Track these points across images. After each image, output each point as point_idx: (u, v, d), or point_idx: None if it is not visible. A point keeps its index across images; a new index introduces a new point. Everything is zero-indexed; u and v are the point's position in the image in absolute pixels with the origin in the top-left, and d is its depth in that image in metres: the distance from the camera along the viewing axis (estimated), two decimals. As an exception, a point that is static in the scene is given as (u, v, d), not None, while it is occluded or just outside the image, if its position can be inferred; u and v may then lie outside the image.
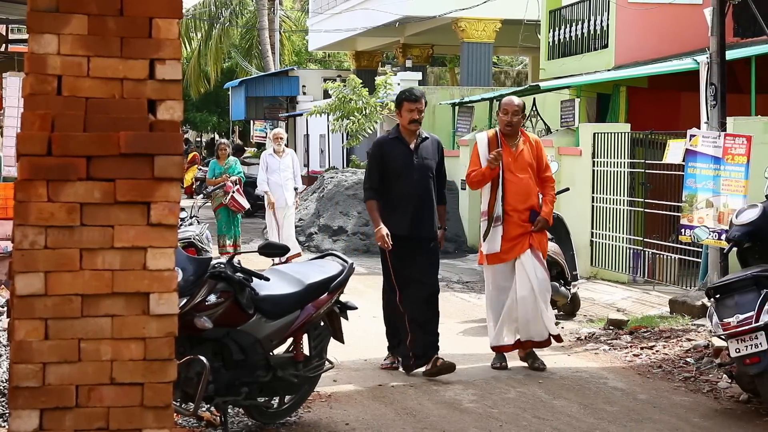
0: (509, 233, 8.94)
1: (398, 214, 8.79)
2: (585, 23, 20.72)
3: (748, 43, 16.85)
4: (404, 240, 8.75)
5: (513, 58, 42.94)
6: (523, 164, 9.04)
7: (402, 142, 8.93)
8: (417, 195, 8.83)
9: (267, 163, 16.56)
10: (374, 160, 9.02)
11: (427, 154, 8.95)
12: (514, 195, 8.96)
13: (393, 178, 8.83)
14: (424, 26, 29.55)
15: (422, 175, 8.88)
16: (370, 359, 9.56)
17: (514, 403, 7.95)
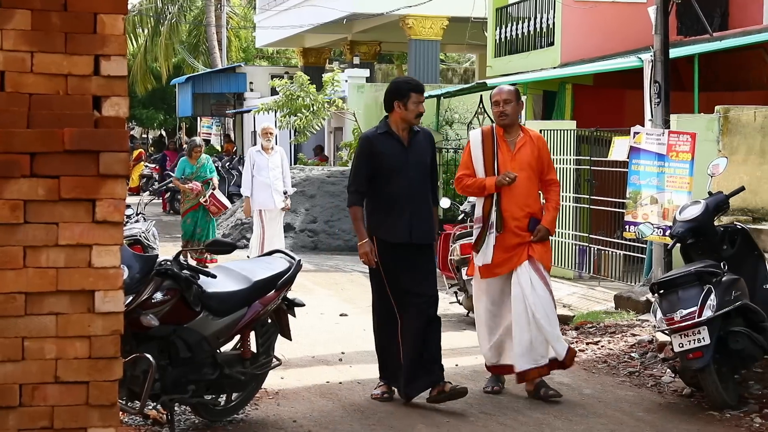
0: (504, 243, 7.83)
1: (393, 219, 7.70)
2: (531, 21, 20.85)
3: (692, 41, 17.05)
4: (401, 248, 7.70)
5: (460, 56, 43.12)
6: (523, 164, 7.91)
7: (393, 137, 7.78)
8: (414, 196, 7.74)
9: (254, 161, 14.85)
10: (362, 158, 7.82)
11: (422, 149, 7.87)
12: (512, 199, 7.84)
13: (385, 179, 7.71)
14: (371, 23, 29.56)
15: (418, 173, 7.79)
16: (317, 356, 9.56)
17: (462, 398, 7.97)
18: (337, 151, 24.71)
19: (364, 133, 8.18)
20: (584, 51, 19.28)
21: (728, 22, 18.75)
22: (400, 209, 7.71)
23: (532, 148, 7.98)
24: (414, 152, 7.80)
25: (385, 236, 7.71)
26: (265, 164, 14.74)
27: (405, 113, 7.75)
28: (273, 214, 14.85)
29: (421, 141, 7.90)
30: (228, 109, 35.98)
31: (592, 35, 19.37)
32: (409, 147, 7.80)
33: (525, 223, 7.87)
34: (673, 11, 12.05)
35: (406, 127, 7.81)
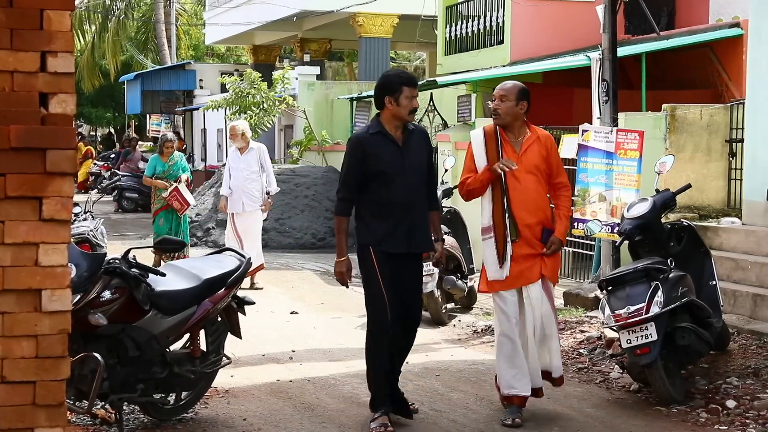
0: (516, 253, 7.19)
1: (388, 227, 7.00)
2: (481, 19, 20.93)
3: (639, 40, 17.21)
4: (398, 259, 7.06)
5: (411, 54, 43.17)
6: (529, 165, 7.18)
7: (387, 137, 7.01)
8: (410, 202, 7.03)
9: (230, 161, 13.98)
10: (352, 162, 7.03)
11: (418, 149, 7.13)
12: (522, 205, 7.16)
13: (381, 184, 6.97)
14: (321, 21, 29.51)
15: (415, 176, 7.07)
16: (268, 354, 9.53)
17: (412, 395, 7.98)
18: (287, 149, 24.64)
19: (354, 134, 7.47)
20: (533, 49, 19.40)
21: (675, 21, 18.96)
22: (400, 216, 6.99)
23: (539, 148, 7.26)
24: (410, 153, 7.06)
25: (384, 246, 7.00)
26: (237, 165, 13.77)
27: (397, 110, 6.99)
28: (246, 220, 13.69)
29: (416, 140, 7.14)
30: (177, 107, 35.75)
31: (542, 33, 19.49)
32: (405, 147, 7.04)
33: (537, 231, 7.19)
34: (621, 10, 12.15)
35: (400, 125, 7.07)
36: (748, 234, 10.62)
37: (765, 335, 8.95)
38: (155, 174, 14.50)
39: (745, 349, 8.76)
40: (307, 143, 22.67)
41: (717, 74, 16.07)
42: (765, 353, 8.58)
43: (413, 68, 41.12)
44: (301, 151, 22.68)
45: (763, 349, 8.68)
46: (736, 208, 12.29)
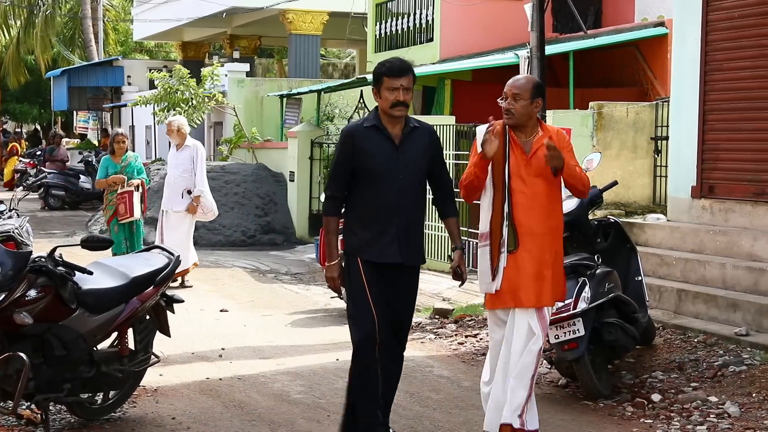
0: (517, 265, 6.30)
1: (378, 235, 6.23)
2: (411, 17, 21.01)
3: (567, 38, 17.40)
4: (389, 270, 6.27)
5: (341, 51, 43.17)
6: (540, 169, 6.32)
7: (382, 132, 6.26)
8: (400, 207, 6.25)
9: (168, 158, 13.68)
10: (341, 157, 6.31)
11: (417, 149, 6.31)
12: (530, 211, 6.31)
13: (369, 184, 6.24)
14: (251, 17, 29.40)
15: (409, 178, 6.28)
16: (197, 352, 9.47)
17: (342, 393, 7.92)
18: (217, 146, 24.50)
19: (347, 126, 6.54)
20: (463, 47, 19.51)
21: (602, 20, 19.19)
22: (387, 223, 6.23)
23: None
24: (406, 152, 6.26)
25: (369, 256, 6.24)
26: (172, 162, 13.45)
27: (381, 103, 6.26)
28: (175, 219, 13.28)
29: (417, 139, 6.33)
30: (105, 103, 35.35)
31: (471, 31, 19.61)
32: (401, 146, 6.27)
33: (546, 242, 6.32)
34: (549, 9, 12.29)
35: (396, 121, 6.28)
36: (673, 230, 10.78)
37: (689, 330, 9.10)
38: (107, 175, 13.11)
39: (670, 344, 8.90)
40: (236, 140, 22.56)
41: (643, 72, 16.30)
42: (689, 348, 8.73)
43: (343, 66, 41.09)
44: (231, 149, 22.56)
45: (688, 344, 8.83)
46: (662, 205, 12.48)
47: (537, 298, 6.29)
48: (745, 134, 10.33)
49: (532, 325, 6.27)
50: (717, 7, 10.62)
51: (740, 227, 10.21)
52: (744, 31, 10.29)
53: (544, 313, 6.33)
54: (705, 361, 8.30)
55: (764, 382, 7.58)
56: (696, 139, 10.78)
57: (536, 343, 6.28)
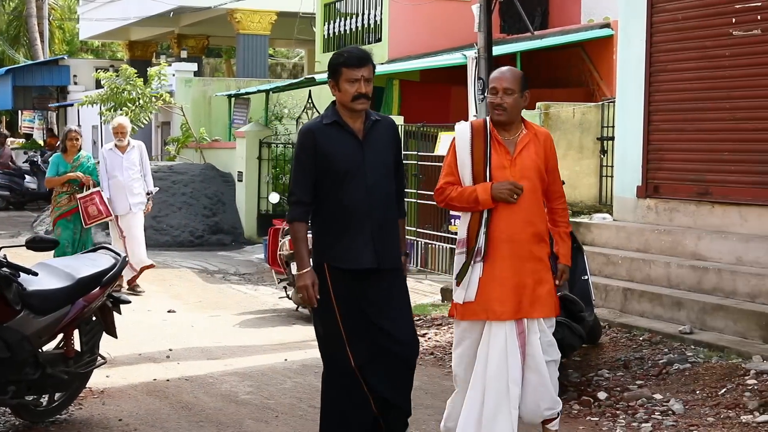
0: (498, 275, 5.79)
1: (349, 239, 5.73)
2: (359, 17, 21.03)
3: (514, 39, 17.50)
4: (364, 277, 5.74)
5: (289, 51, 43.07)
6: (526, 170, 5.86)
7: (344, 128, 5.77)
8: (374, 207, 5.77)
9: (106, 161, 12.94)
10: (303, 158, 5.77)
11: (382, 144, 5.87)
12: (511, 216, 5.79)
13: (336, 185, 5.74)
14: (199, 17, 29.26)
15: (378, 176, 5.80)
16: (144, 353, 9.42)
17: (291, 393, 7.99)
18: (164, 146, 24.35)
19: (306, 124, 5.96)
20: (411, 47, 19.56)
21: (548, 21, 19.33)
22: (358, 225, 5.72)
23: (537, 148, 5.94)
24: (372, 148, 5.80)
25: (340, 262, 5.72)
26: (120, 163, 12.89)
27: (340, 96, 5.76)
28: (131, 221, 12.97)
29: (380, 133, 5.87)
30: (51, 103, 35.00)
31: (419, 32, 19.65)
32: (366, 141, 5.79)
33: (527, 249, 5.80)
34: (496, 10, 12.35)
35: (358, 115, 5.80)
36: (619, 230, 10.88)
37: (634, 328, 9.20)
38: (58, 174, 12.47)
39: (616, 342, 8.98)
40: (184, 140, 22.45)
41: (589, 73, 16.44)
42: (635, 346, 8.82)
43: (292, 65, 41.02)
44: (179, 148, 22.44)
45: (633, 342, 8.92)
46: (608, 205, 12.60)
47: (514, 309, 5.75)
48: (689, 135, 10.46)
49: (508, 340, 5.74)
50: (661, 9, 10.74)
51: (684, 227, 10.34)
52: (688, 33, 10.41)
53: (524, 326, 5.77)
54: (650, 359, 8.39)
55: (707, 380, 7.68)
56: (641, 140, 10.89)
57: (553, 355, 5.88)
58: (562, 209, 6.11)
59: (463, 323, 5.93)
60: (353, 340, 5.67)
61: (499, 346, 5.77)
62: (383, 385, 5.73)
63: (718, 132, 10.08)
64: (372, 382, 5.70)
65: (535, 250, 5.85)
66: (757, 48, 9.67)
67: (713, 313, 8.88)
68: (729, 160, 9.96)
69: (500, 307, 5.76)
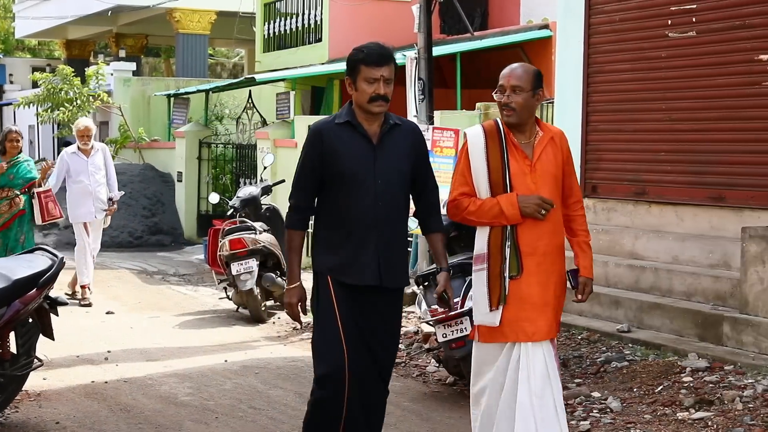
0: (520, 293, 5.32)
1: (353, 250, 5.27)
2: (299, 17, 20.99)
3: (454, 39, 17.57)
4: (365, 293, 5.30)
5: (229, 50, 42.87)
6: (547, 177, 5.39)
7: (358, 130, 5.30)
8: (381, 218, 5.27)
9: (68, 166, 12.30)
10: (308, 158, 5.34)
11: (398, 150, 5.34)
12: (533, 229, 5.32)
13: (342, 192, 5.28)
14: (137, 16, 29.02)
15: (389, 184, 5.29)
16: (82, 355, 9.33)
17: (231, 394, 7.96)
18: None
19: (316, 123, 5.47)
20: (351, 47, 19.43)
21: (488, 22, 19.44)
22: (363, 236, 5.26)
23: (554, 151, 5.46)
24: (386, 154, 5.30)
25: (345, 277, 5.28)
26: (85, 168, 12.30)
27: (357, 96, 5.31)
28: (96, 229, 12.55)
29: (398, 139, 5.36)
30: (-14, 102, 34.55)
31: (359, 32, 19.62)
32: (379, 146, 5.30)
33: (549, 262, 5.36)
34: (436, 10, 12.39)
35: (374, 117, 5.31)
36: (558, 229, 10.97)
37: (573, 327, 9.28)
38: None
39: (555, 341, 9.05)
40: (123, 140, 22.25)
41: (528, 74, 16.54)
42: (573, 345, 8.90)
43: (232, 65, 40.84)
44: (117, 149, 22.24)
45: (572, 341, 9.00)
46: (547, 204, 12.68)
47: (548, 329, 5.33)
48: (626, 135, 10.57)
49: (547, 360, 5.30)
50: (599, 11, 10.85)
51: (622, 226, 10.45)
52: (625, 34, 10.52)
53: (554, 345, 5.43)
54: (588, 358, 8.47)
55: (645, 378, 7.77)
56: (579, 140, 10.99)
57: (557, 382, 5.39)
58: (581, 216, 5.60)
59: (484, 347, 5.41)
60: (352, 350, 5.24)
61: (540, 371, 5.27)
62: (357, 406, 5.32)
63: (654, 132, 10.20)
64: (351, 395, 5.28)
65: (557, 263, 5.41)
66: (692, 50, 9.80)
67: (650, 312, 8.99)
68: (665, 160, 10.09)
69: (532, 326, 5.28)
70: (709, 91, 9.60)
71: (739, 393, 7.06)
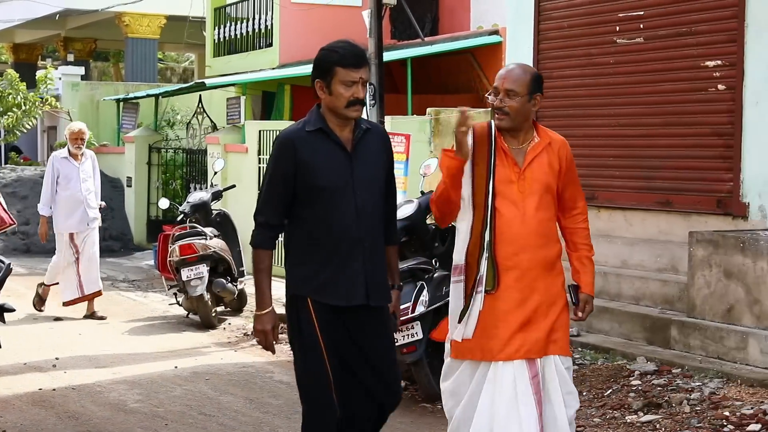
0: (502, 307, 4.90)
1: (337, 269, 4.80)
2: (250, 22, 20.95)
3: (405, 45, 17.61)
4: (350, 313, 4.83)
5: (179, 55, 42.67)
6: (535, 185, 4.97)
7: (330, 138, 4.84)
8: (364, 231, 4.82)
9: (58, 171, 11.66)
10: (278, 171, 4.83)
11: (374, 157, 4.93)
12: (512, 241, 4.92)
13: (317, 205, 4.81)
14: (86, 20, 28.79)
15: (369, 194, 4.86)
16: (30, 362, 9.22)
17: (181, 401, 7.91)
18: (50, 151, 23.88)
19: (284, 131, 4.95)
20: (302, 52, 19.53)
21: (438, 27, 19.50)
22: (347, 253, 4.80)
23: (550, 158, 5.06)
24: (362, 162, 4.86)
25: (326, 297, 4.79)
26: (76, 174, 11.65)
27: (331, 100, 4.83)
28: (88, 237, 11.75)
29: (371, 145, 4.92)
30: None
31: (310, 37, 19.63)
32: (355, 153, 4.85)
33: (538, 278, 4.95)
34: (387, 16, 12.40)
35: (346, 123, 4.86)
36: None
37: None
38: None
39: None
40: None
41: (478, 79, 16.63)
42: (524, 348, 8.93)
43: (182, 70, 40.63)
44: (66, 154, 22.02)
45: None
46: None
47: (523, 348, 4.85)
48: (575, 140, 10.58)
49: (518, 384, 4.82)
50: (548, 17, 10.93)
51: (572, 231, 10.50)
52: (573, 40, 10.61)
53: (537, 369, 4.86)
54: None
55: (594, 381, 7.83)
56: (529, 145, 11.05)
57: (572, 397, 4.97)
58: (583, 229, 5.21)
59: (457, 363, 5.06)
60: (338, 382, 4.81)
61: (507, 393, 4.82)
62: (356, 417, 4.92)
63: (603, 138, 10.29)
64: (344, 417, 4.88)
65: (547, 280, 4.98)
66: (639, 56, 9.90)
67: (599, 316, 9.05)
68: (614, 165, 10.18)
69: (501, 345, 4.85)
70: (657, 97, 9.71)
71: (687, 396, 7.14)
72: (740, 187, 8.94)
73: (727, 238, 8.11)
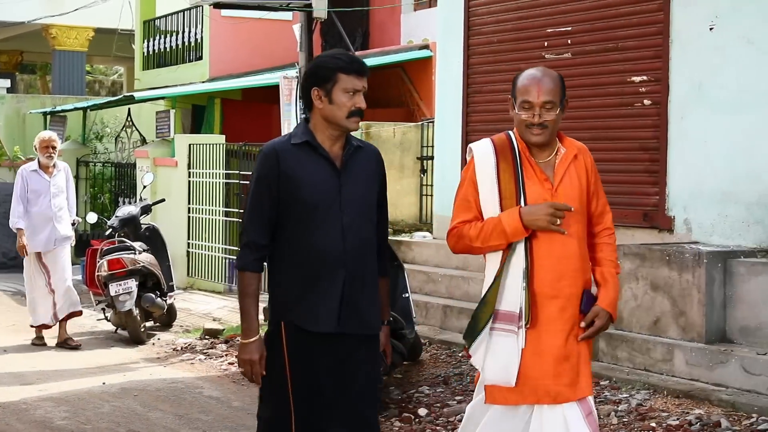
0: (547, 343, 4.31)
1: (316, 292, 4.41)
2: (179, 35, 20.84)
3: (336, 59, 17.59)
4: (328, 342, 4.41)
5: (108, 68, 42.28)
6: (571, 202, 4.35)
7: (318, 152, 4.47)
8: (349, 253, 4.43)
9: (27, 184, 10.84)
10: (263, 186, 4.45)
11: (365, 176, 4.57)
12: (558, 264, 4.33)
13: (301, 223, 4.43)
14: (12, 32, 28.42)
15: (356, 215, 4.49)
16: (-47, 381, 9.06)
17: (109, 417, 7.82)
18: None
19: (269, 143, 4.58)
20: (233, 66, 19.50)
21: (369, 42, 19.56)
22: (328, 275, 4.41)
23: (578, 171, 4.48)
24: (351, 180, 4.49)
25: (302, 320, 4.41)
26: (46, 188, 10.83)
27: (330, 109, 4.45)
28: (57, 258, 10.94)
29: (362, 163, 4.57)
30: None
31: (240, 50, 19.62)
32: (344, 171, 4.49)
33: (576, 305, 4.36)
34: (317, 30, 12.41)
35: (339, 135, 4.50)
36: (439, 248, 11.07)
37: (454, 344, 9.36)
38: None
39: (436, 359, 9.13)
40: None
41: (409, 94, 16.69)
42: (454, 362, 8.98)
43: (110, 82, 40.25)
44: (-6, 169, 21.71)
45: (452, 358, 9.08)
46: (428, 223, 12.80)
47: (574, 386, 4.30)
48: (505, 154, 10.73)
49: (572, 428, 4.25)
50: (477, 32, 11.02)
51: (501, 244, 10.58)
52: (502, 55, 10.70)
53: (590, 406, 4.33)
54: (469, 375, 8.55)
55: (524, 393, 7.87)
56: (459, 159, 11.12)
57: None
58: (609, 245, 4.54)
59: (496, 409, 4.38)
60: (300, 409, 4.41)
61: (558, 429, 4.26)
62: None
63: (532, 152, 10.37)
64: None
65: (581, 299, 4.39)
66: (567, 71, 9.98)
67: (529, 328, 9.10)
68: (543, 179, 10.26)
69: (555, 385, 4.28)
70: (584, 112, 9.82)
71: (615, 407, 7.22)
72: (666, 200, 9.08)
73: (654, 251, 8.22)
